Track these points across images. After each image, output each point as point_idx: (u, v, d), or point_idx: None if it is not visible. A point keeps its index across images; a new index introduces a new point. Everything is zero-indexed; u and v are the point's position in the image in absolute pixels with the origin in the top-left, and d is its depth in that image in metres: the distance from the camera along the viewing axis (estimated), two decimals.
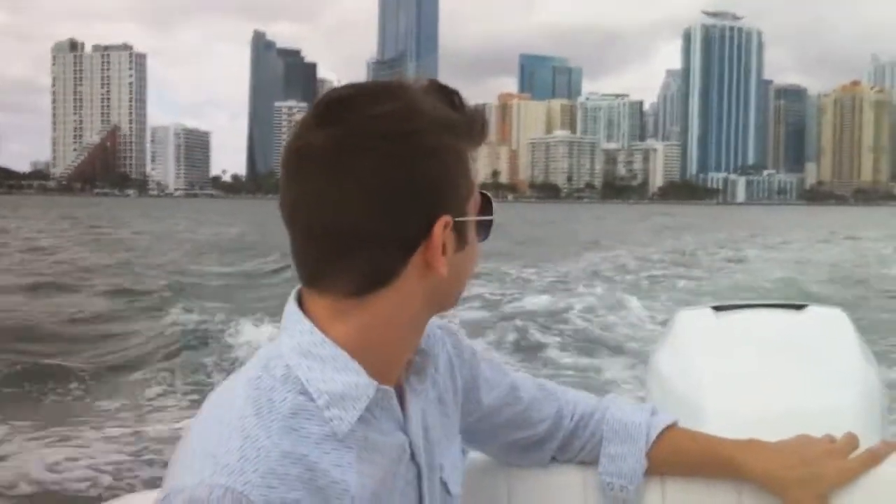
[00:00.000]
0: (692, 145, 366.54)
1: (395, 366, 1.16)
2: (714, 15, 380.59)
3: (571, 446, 1.51)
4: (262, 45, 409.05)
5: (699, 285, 19.56)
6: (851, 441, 1.46)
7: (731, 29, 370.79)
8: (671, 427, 1.50)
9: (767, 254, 30.80)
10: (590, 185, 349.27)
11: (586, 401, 1.54)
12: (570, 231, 53.10)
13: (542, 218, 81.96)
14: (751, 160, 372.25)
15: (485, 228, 1.18)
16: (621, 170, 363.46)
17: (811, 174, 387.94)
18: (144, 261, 25.34)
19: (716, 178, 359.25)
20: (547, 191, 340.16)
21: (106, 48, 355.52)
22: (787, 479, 1.41)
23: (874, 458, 1.43)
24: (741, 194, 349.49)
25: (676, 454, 1.48)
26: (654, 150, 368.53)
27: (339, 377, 1.08)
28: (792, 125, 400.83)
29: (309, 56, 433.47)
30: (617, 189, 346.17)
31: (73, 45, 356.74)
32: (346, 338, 1.10)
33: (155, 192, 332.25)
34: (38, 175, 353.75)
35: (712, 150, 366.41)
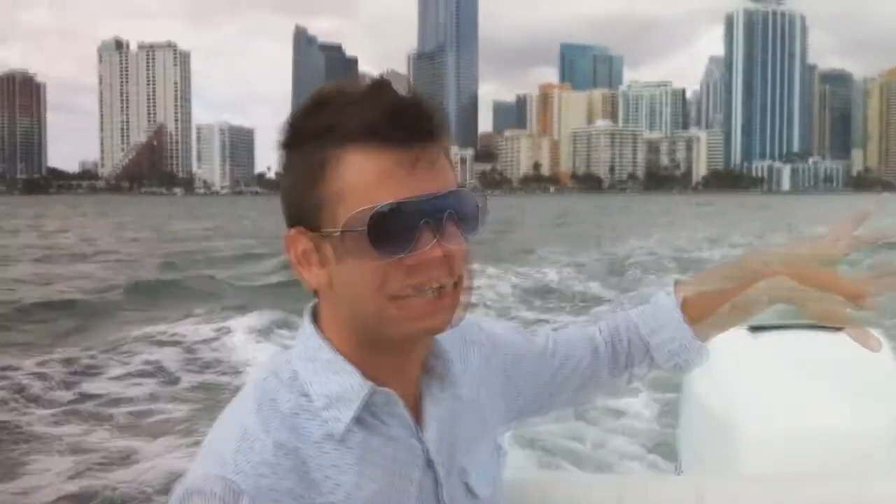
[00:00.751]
0: (736, 133, 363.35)
1: (392, 370, 1.16)
2: (756, 0, 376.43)
3: (619, 362, 1.50)
4: (304, 41, 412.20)
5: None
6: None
7: (774, 13, 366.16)
8: (680, 285, 1.49)
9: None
10: (632, 176, 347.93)
11: (603, 323, 1.53)
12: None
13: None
14: (796, 147, 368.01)
15: (385, 246, 1.05)
16: (664, 160, 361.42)
17: (857, 161, 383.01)
18: None
19: (760, 166, 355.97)
20: (589, 182, 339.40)
21: (151, 46, 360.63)
22: (804, 272, 1.31)
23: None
24: (786, 182, 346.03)
25: (704, 303, 1.46)
26: (698, 138, 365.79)
27: (336, 379, 1.12)
28: (837, 111, 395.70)
29: (350, 50, 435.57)
30: (660, 179, 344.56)
31: (119, 45, 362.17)
32: (341, 341, 1.14)
33: (202, 191, 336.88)
34: (87, 175, 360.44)
35: (756, 137, 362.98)
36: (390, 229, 1.04)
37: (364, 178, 1.04)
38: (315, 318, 1.18)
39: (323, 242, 1.09)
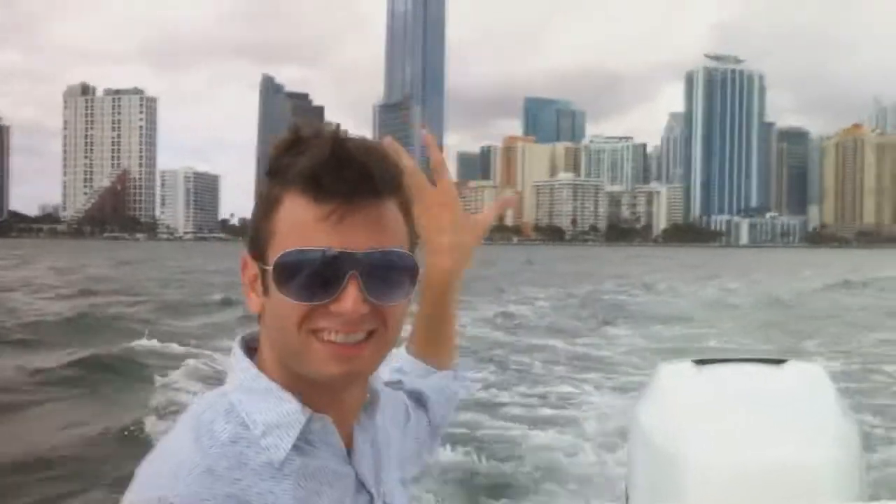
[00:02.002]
0: (696, 188, 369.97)
1: (328, 399, 1.18)
2: (716, 58, 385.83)
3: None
4: (270, 89, 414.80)
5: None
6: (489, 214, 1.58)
7: (734, 72, 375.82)
8: (410, 345, 1.60)
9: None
10: (594, 228, 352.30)
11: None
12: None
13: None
14: (754, 202, 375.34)
15: (287, 289, 1.11)
16: (625, 212, 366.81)
17: (814, 216, 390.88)
18: None
19: (719, 220, 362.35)
20: (551, 233, 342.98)
21: (117, 92, 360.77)
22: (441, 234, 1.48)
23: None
24: (745, 237, 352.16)
25: (428, 335, 1.58)
26: (658, 192, 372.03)
27: (273, 407, 1.14)
28: (794, 168, 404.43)
29: (317, 99, 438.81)
30: (621, 231, 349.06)
31: (85, 90, 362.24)
32: (276, 370, 1.18)
33: (165, 236, 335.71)
34: (49, 219, 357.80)
35: (715, 192, 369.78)
36: (289, 274, 1.10)
37: (290, 224, 1.11)
38: (248, 347, 1.22)
39: (264, 275, 1.15)
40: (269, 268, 1.12)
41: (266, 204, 1.14)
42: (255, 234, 1.16)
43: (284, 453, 1.13)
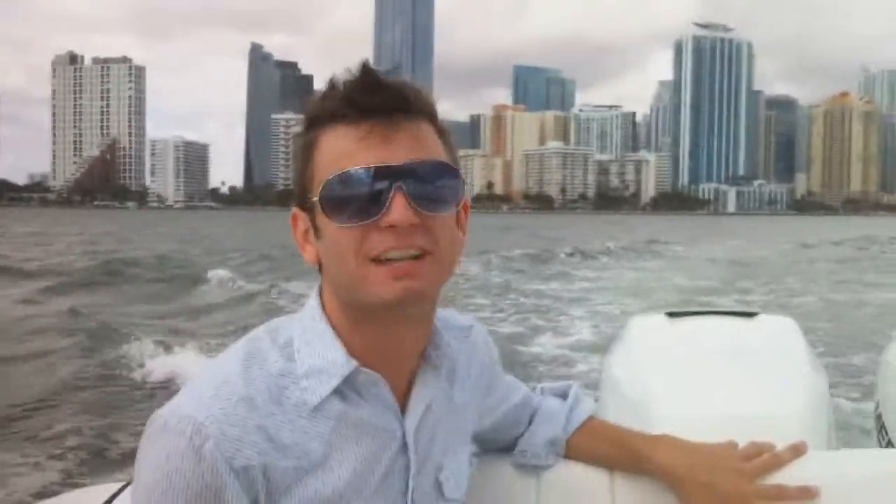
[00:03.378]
0: (684, 156, 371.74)
1: (380, 351, 1.20)
2: (705, 26, 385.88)
3: (515, 438, 1.59)
4: (259, 58, 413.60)
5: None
6: (771, 461, 1.46)
7: (722, 40, 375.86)
8: (591, 417, 1.60)
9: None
10: (583, 196, 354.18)
11: (534, 399, 1.62)
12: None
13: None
14: (741, 171, 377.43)
15: (336, 213, 1.13)
16: (614, 181, 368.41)
17: (801, 184, 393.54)
18: None
19: (707, 188, 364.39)
20: (541, 202, 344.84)
21: (105, 61, 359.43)
22: (686, 479, 1.44)
23: (775, 464, 1.46)
24: (732, 205, 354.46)
25: (592, 441, 1.56)
26: (647, 161, 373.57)
27: (321, 351, 1.18)
28: (782, 136, 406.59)
29: (305, 68, 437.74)
30: (610, 200, 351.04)
31: (73, 58, 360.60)
32: (337, 317, 1.20)
33: (155, 205, 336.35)
34: (38, 188, 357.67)
35: (703, 160, 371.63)
36: (337, 199, 1.12)
37: (330, 155, 1.13)
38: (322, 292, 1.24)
39: (314, 219, 1.17)
40: (316, 199, 1.14)
41: (305, 151, 1.17)
42: (299, 185, 1.18)
43: (320, 398, 1.15)
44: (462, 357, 1.37)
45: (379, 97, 1.11)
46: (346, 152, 1.11)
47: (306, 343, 1.18)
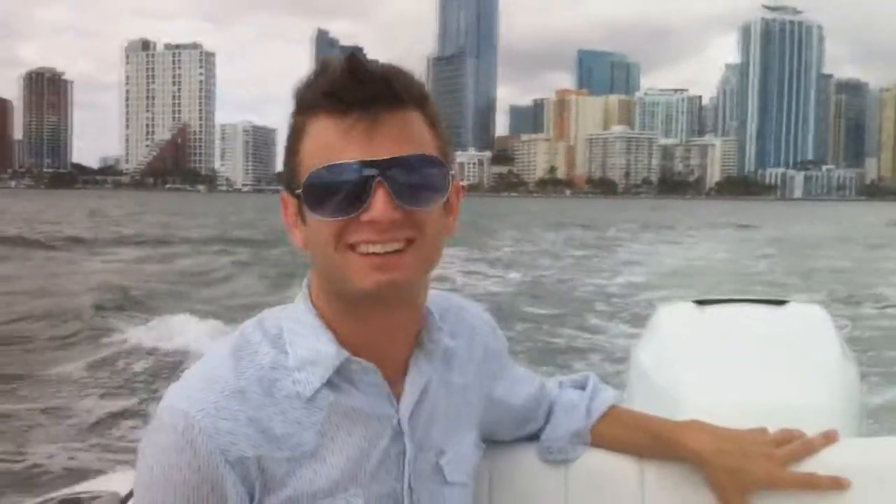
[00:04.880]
0: (750, 140, 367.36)
1: (371, 339, 1.19)
2: (774, 9, 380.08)
3: (534, 431, 1.59)
4: (325, 43, 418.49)
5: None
6: (802, 448, 1.45)
7: (791, 23, 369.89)
8: (614, 406, 1.58)
9: None
10: (646, 181, 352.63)
11: (552, 392, 1.60)
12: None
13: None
14: (809, 155, 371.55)
15: (317, 207, 1.12)
16: (678, 165, 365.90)
17: (871, 169, 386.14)
18: None
19: (774, 173, 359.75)
20: (604, 186, 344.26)
21: (177, 47, 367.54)
22: (716, 463, 1.44)
23: (807, 451, 1.45)
24: (799, 190, 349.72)
25: (618, 430, 1.54)
26: (712, 145, 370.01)
27: (312, 344, 1.18)
28: (852, 120, 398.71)
29: (369, 54, 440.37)
30: (674, 184, 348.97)
31: (146, 45, 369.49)
32: (325, 306, 1.21)
33: (224, 188, 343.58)
34: (111, 171, 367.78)
35: (770, 145, 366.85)
36: (319, 193, 1.11)
37: (315, 146, 1.12)
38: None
39: (300, 206, 1.16)
40: (298, 193, 1.13)
41: (293, 136, 1.15)
42: (287, 169, 1.17)
43: (313, 390, 1.15)
44: (462, 340, 1.35)
45: (363, 90, 1.09)
46: (327, 144, 1.10)
47: (296, 334, 1.18)
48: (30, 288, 17.15)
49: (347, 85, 1.09)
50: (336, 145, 1.10)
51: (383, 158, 1.09)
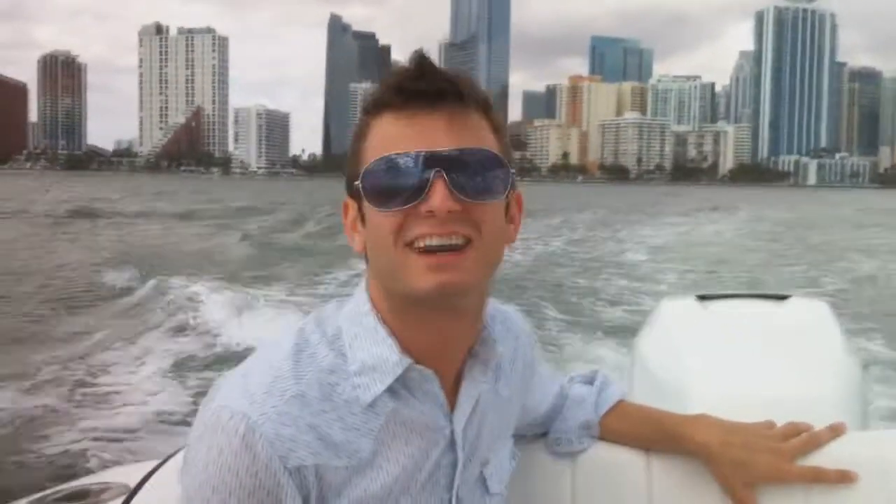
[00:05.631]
0: (764, 128, 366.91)
1: (430, 346, 1.17)
2: None
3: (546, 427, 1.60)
4: (338, 28, 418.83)
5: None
6: (809, 441, 1.46)
7: (805, 11, 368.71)
8: (622, 400, 1.60)
9: None
10: (659, 167, 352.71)
11: (564, 389, 1.62)
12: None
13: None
14: (823, 143, 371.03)
15: (377, 198, 1.11)
16: (691, 152, 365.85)
17: (885, 158, 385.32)
18: None
19: (787, 160, 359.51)
20: (616, 172, 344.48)
21: (190, 31, 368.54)
22: (723, 456, 1.44)
23: (813, 444, 1.46)
24: (812, 177, 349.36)
25: (625, 423, 1.56)
26: (725, 132, 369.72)
27: (374, 349, 1.14)
28: (866, 108, 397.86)
29: (381, 39, 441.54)
30: (687, 171, 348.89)
31: (159, 29, 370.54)
32: (384, 309, 1.17)
33: (238, 171, 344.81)
34: (126, 153, 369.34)
35: (784, 132, 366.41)
36: (378, 184, 1.10)
37: (377, 141, 1.11)
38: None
39: (361, 206, 1.15)
40: (357, 191, 1.13)
41: (356, 140, 1.15)
42: (349, 173, 1.16)
43: (374, 396, 1.12)
44: (507, 351, 1.35)
45: (425, 83, 1.09)
46: (390, 138, 1.10)
47: (356, 337, 1.16)
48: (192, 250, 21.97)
49: (412, 78, 1.10)
50: (398, 137, 1.09)
51: (444, 150, 1.08)
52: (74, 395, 7.39)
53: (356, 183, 1.13)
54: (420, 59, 1.10)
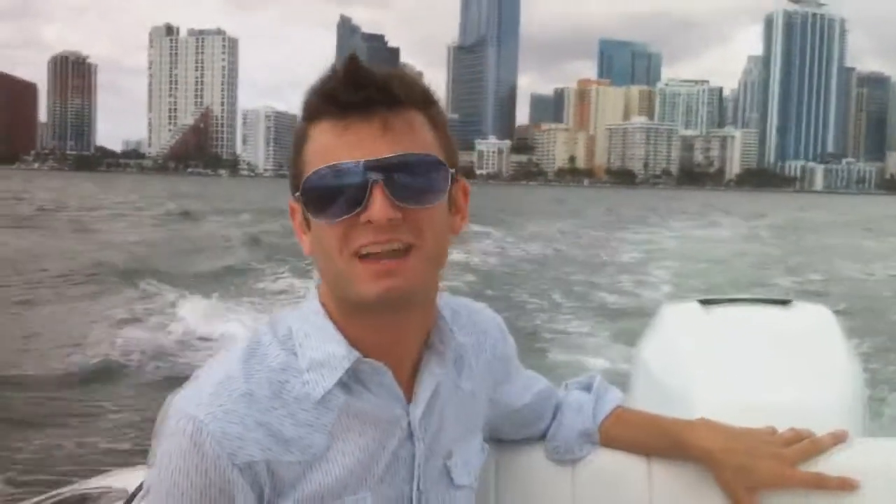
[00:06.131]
0: (771, 133, 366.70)
1: (381, 342, 1.18)
2: (797, 1, 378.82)
3: (541, 431, 1.59)
4: (347, 30, 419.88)
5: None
6: (811, 448, 1.46)
7: (814, 16, 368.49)
8: (620, 406, 1.59)
9: None
10: (666, 172, 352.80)
11: (559, 394, 1.61)
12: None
13: None
14: (830, 148, 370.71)
15: (318, 210, 1.12)
16: (698, 156, 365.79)
17: (892, 163, 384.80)
18: None
19: (794, 165, 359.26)
20: (623, 177, 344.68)
21: (200, 33, 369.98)
22: (723, 461, 1.44)
23: (816, 451, 1.46)
24: (819, 182, 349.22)
25: (624, 429, 1.55)
26: (733, 137, 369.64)
27: (321, 346, 1.16)
28: (873, 113, 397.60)
29: (391, 41, 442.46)
30: (693, 176, 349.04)
31: (169, 30, 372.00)
32: (333, 307, 1.19)
33: (246, 173, 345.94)
34: (134, 154, 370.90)
35: (791, 137, 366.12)
36: (318, 196, 1.11)
37: (316, 150, 1.12)
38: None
39: (304, 212, 1.16)
40: (300, 198, 1.13)
41: (297, 143, 1.16)
42: (291, 177, 1.17)
43: (323, 391, 1.14)
44: (471, 344, 1.36)
45: (360, 92, 1.08)
46: (327, 148, 1.10)
47: (306, 336, 1.17)
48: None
49: (344, 88, 1.09)
50: (334, 147, 1.10)
51: (381, 158, 1.08)
52: None
53: (297, 194, 1.14)
54: (349, 66, 1.09)
